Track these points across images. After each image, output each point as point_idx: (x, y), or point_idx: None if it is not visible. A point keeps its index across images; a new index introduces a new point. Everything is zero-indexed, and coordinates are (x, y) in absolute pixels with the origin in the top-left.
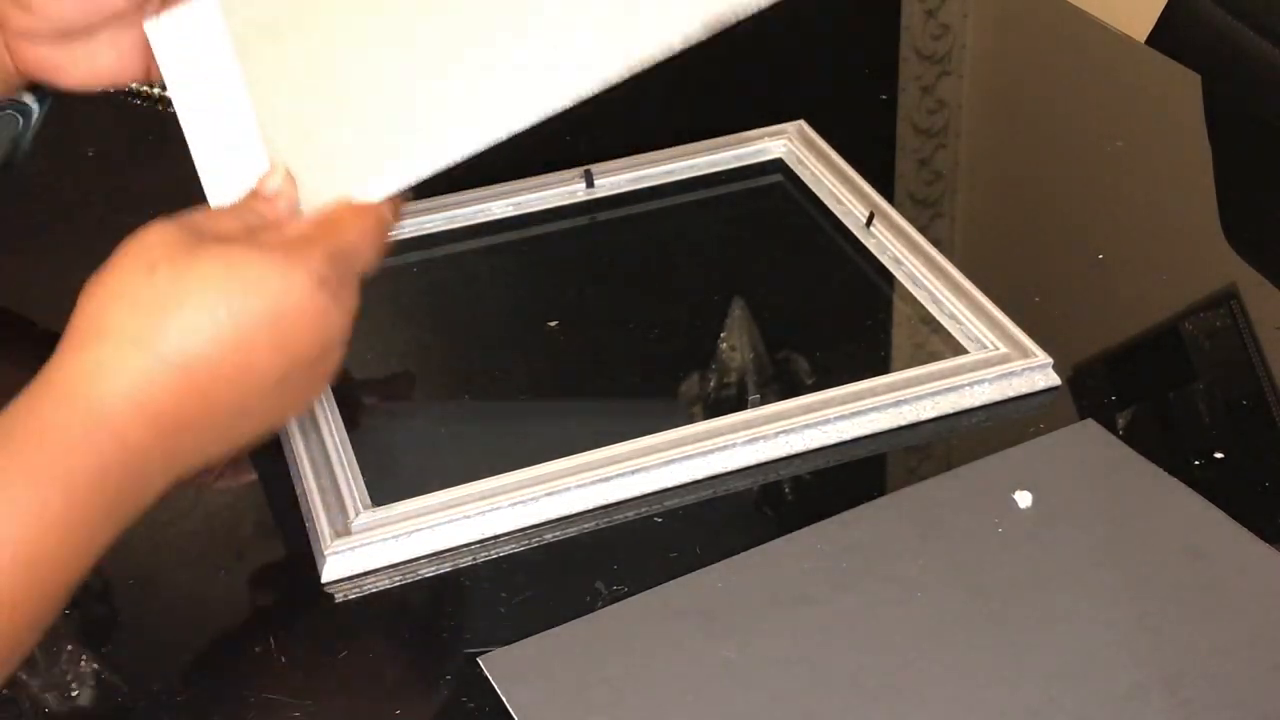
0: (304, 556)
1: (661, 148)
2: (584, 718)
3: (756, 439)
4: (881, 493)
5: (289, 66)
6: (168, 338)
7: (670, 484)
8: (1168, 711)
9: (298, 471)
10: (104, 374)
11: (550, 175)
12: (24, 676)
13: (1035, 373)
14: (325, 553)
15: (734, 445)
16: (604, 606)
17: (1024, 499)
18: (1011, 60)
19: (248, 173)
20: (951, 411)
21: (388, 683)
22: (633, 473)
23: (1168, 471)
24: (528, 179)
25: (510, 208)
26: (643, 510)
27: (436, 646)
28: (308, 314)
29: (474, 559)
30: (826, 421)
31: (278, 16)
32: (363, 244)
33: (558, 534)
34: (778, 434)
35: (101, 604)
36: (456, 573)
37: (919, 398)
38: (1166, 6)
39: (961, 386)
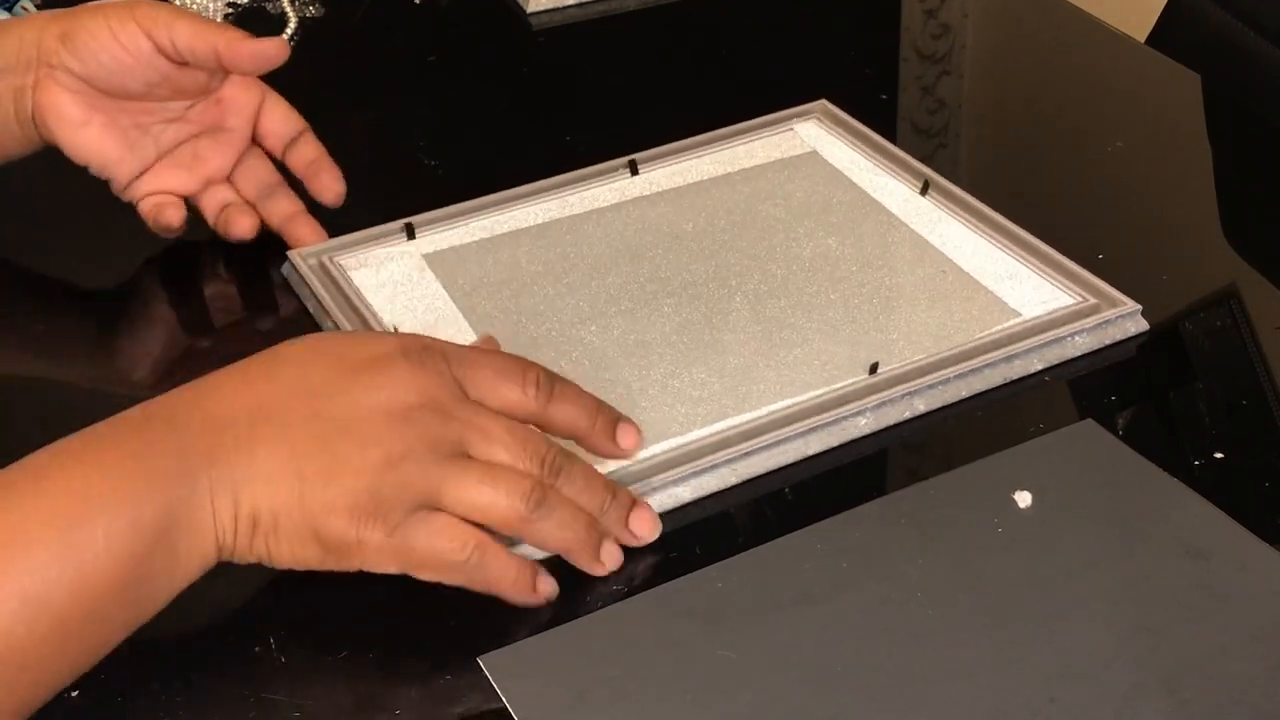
0: None
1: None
2: (584, 718)
3: (884, 403)
4: (881, 493)
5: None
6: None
7: (804, 455)
8: (1168, 711)
9: None
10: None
11: (593, 167)
12: None
13: (1127, 320)
14: None
15: (864, 411)
16: (604, 606)
17: (1024, 499)
18: (1011, 60)
19: None
20: (1057, 362)
21: (388, 683)
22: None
23: (1168, 471)
24: (571, 172)
25: (556, 208)
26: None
27: (437, 646)
28: (372, 346)
29: None
30: (945, 381)
31: (480, 282)
32: (485, 362)
33: None
34: (903, 396)
35: None
36: None
37: (1027, 351)
38: (1166, 6)
39: (1064, 338)
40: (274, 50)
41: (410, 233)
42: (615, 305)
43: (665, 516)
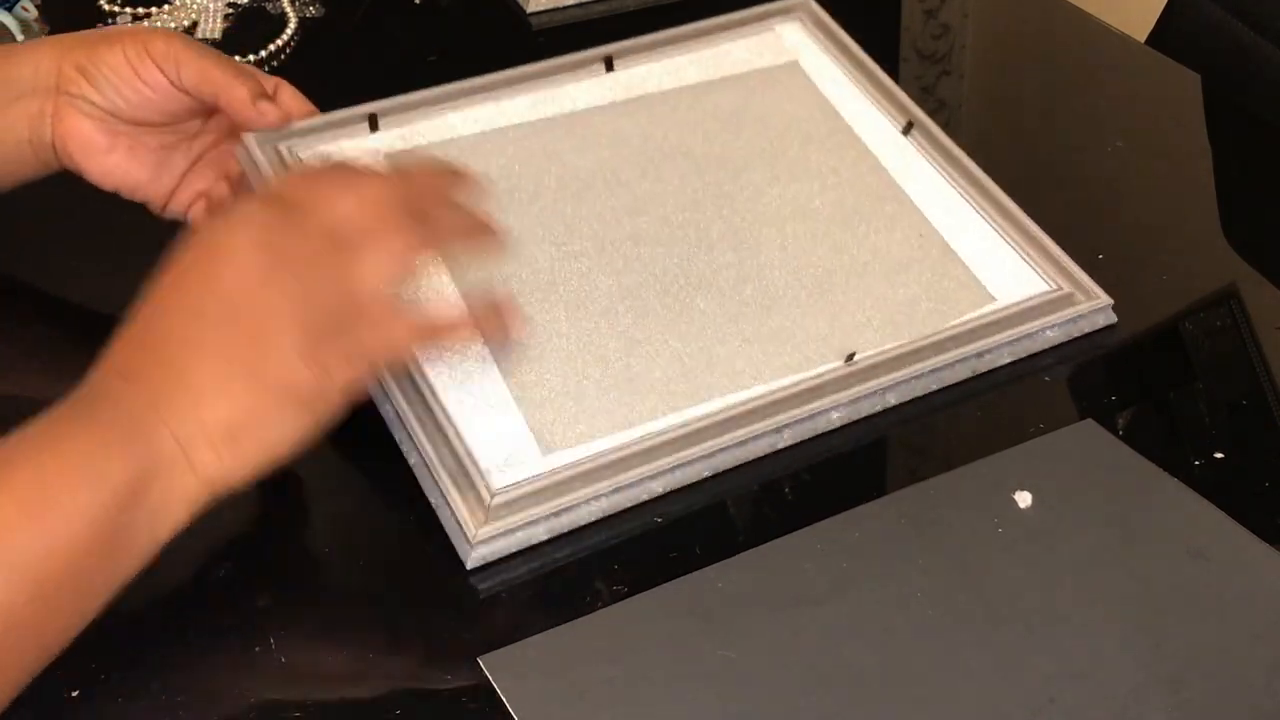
0: (305, 551)
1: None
2: (584, 718)
3: (858, 399)
4: (881, 493)
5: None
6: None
7: (775, 448)
8: (1168, 711)
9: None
10: None
11: (568, 57)
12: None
13: (1098, 314)
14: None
15: (839, 405)
16: (604, 606)
17: (1024, 499)
18: (1011, 60)
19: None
20: (1025, 355)
21: (388, 683)
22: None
23: (1168, 471)
24: (545, 62)
25: (528, 107)
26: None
27: (437, 646)
28: (238, 241)
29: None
30: (917, 377)
31: None
32: (337, 198)
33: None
34: (876, 392)
35: None
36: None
37: (998, 347)
38: (1166, 6)
39: (1035, 333)
40: (274, 118)
41: (373, 124)
42: (589, 243)
43: (665, 516)
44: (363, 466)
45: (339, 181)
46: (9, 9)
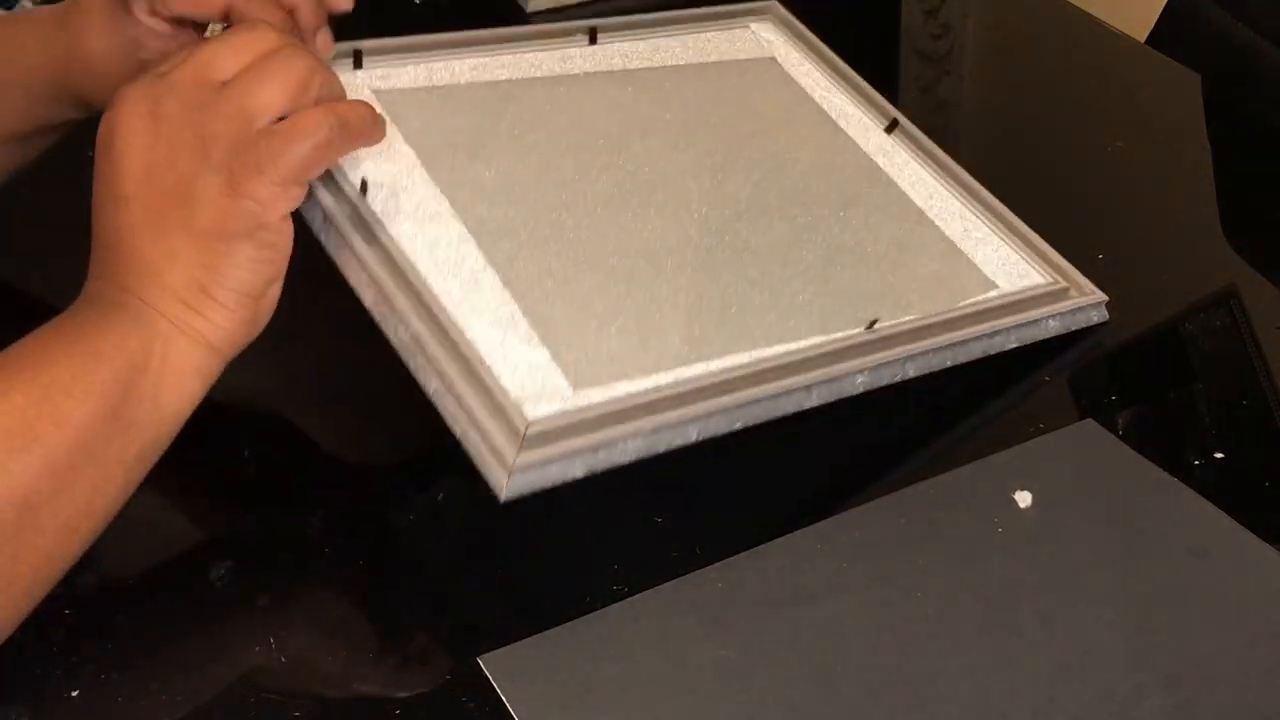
0: (305, 551)
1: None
2: (584, 718)
3: (880, 365)
4: (882, 493)
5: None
6: None
7: (802, 407)
8: (1168, 711)
9: None
10: None
11: (553, 25)
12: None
13: (1092, 309)
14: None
15: (864, 371)
16: (604, 606)
17: (1024, 499)
18: (1011, 60)
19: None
20: (1029, 342)
21: (388, 682)
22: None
23: (1168, 471)
24: (529, 26)
25: (512, 66)
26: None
27: (437, 646)
28: (123, 121)
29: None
30: (935, 350)
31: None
32: (218, 57)
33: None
34: (898, 360)
35: (100, 603)
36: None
37: (1006, 330)
38: (1166, 6)
39: (1040, 320)
40: None
41: (358, 60)
42: (595, 199)
43: (665, 516)
44: (362, 465)
45: (212, 39)
46: (8, 7)
